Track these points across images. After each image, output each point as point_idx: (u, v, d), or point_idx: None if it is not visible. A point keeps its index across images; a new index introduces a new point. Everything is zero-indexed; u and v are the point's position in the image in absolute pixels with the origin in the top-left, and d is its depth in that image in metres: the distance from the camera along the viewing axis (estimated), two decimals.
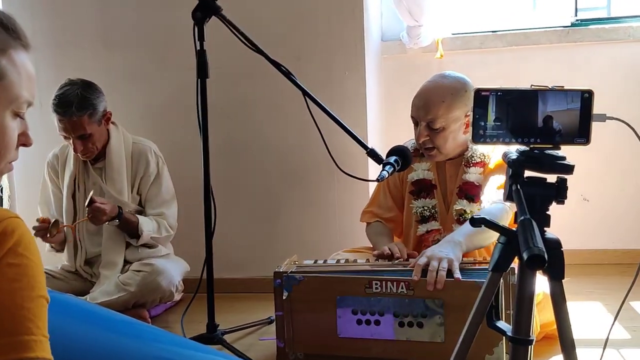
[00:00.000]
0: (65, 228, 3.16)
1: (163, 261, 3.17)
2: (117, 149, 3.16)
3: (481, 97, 1.41)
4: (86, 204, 2.94)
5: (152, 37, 3.57)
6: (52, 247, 3.20)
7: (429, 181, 2.70)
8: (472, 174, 2.61)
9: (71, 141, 3.03)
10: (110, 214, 2.99)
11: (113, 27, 3.61)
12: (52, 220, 2.97)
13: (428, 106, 2.54)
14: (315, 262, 2.53)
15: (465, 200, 2.60)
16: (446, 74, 2.63)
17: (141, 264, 3.10)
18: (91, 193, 2.97)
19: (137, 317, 2.81)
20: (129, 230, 3.12)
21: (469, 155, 2.63)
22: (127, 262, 3.16)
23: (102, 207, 2.94)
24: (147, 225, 3.12)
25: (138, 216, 3.13)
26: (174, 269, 3.18)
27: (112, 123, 3.20)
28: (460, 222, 2.58)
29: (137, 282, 3.02)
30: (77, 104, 2.95)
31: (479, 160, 2.61)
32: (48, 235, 2.95)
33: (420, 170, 2.71)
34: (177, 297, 3.27)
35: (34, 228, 2.94)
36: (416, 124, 2.61)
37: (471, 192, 2.60)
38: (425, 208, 2.67)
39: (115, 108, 3.29)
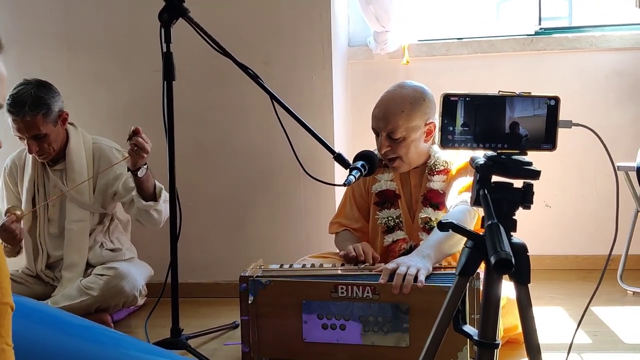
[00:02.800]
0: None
1: (127, 265, 3.13)
2: (77, 150, 3.11)
3: (450, 102, 1.42)
4: (128, 136, 2.71)
5: (117, 39, 3.53)
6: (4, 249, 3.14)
7: (392, 192, 2.71)
8: (436, 182, 2.62)
9: (26, 142, 2.98)
10: (147, 155, 2.78)
11: (77, 28, 3.56)
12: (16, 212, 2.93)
13: (388, 117, 2.55)
14: (281, 266, 2.52)
15: (430, 209, 2.61)
16: (404, 83, 2.63)
17: (104, 268, 3.05)
18: (133, 127, 2.73)
19: (99, 322, 2.77)
20: (147, 188, 2.92)
21: (431, 163, 2.64)
22: (90, 266, 3.11)
23: (145, 146, 2.71)
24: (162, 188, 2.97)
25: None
26: (137, 273, 3.14)
27: (71, 124, 3.14)
28: (426, 230, 2.59)
29: (100, 286, 2.98)
30: (30, 104, 2.90)
31: (442, 168, 2.62)
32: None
33: (384, 181, 2.71)
34: (141, 301, 3.23)
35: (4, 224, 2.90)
36: (377, 134, 2.62)
37: (435, 200, 2.62)
38: (390, 218, 2.68)
39: (79, 110, 3.26)
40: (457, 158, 2.62)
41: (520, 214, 1.43)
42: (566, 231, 3.80)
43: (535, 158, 1.43)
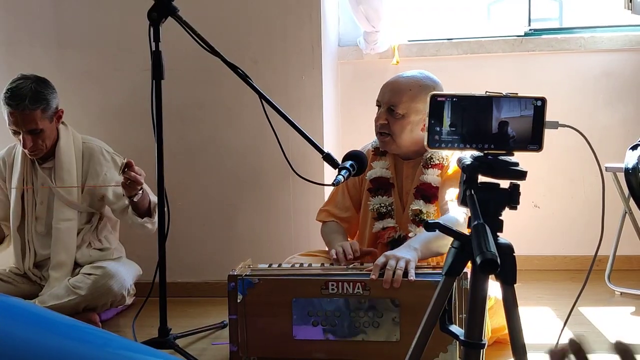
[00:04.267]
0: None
1: (115, 264, 3.12)
2: (67, 148, 3.11)
3: (437, 103, 1.42)
4: (121, 169, 2.73)
5: (106, 37, 3.52)
6: None
7: (387, 179, 2.72)
8: (430, 175, 2.63)
9: (21, 136, 2.96)
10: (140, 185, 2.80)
11: (67, 26, 3.54)
12: None
13: (394, 90, 2.61)
14: (270, 265, 2.52)
15: (421, 201, 2.62)
16: (422, 71, 2.70)
17: (92, 267, 3.04)
18: (125, 159, 2.75)
19: (87, 321, 2.76)
20: (143, 207, 2.95)
21: (427, 156, 2.65)
22: (78, 265, 3.10)
23: (139, 178, 2.74)
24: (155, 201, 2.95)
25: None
26: (125, 273, 3.13)
27: (62, 123, 3.14)
28: (416, 222, 2.60)
29: (88, 286, 2.97)
30: (30, 98, 2.90)
31: (437, 162, 2.64)
32: None
33: (379, 169, 2.73)
34: (129, 301, 3.22)
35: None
36: (379, 107, 2.65)
37: (428, 193, 2.63)
38: (382, 205, 2.69)
39: (69, 109, 3.24)
40: (453, 156, 2.62)
41: (509, 214, 1.44)
42: (554, 231, 3.81)
43: (523, 158, 1.44)
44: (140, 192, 2.84)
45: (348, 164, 2.46)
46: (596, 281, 3.25)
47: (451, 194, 2.53)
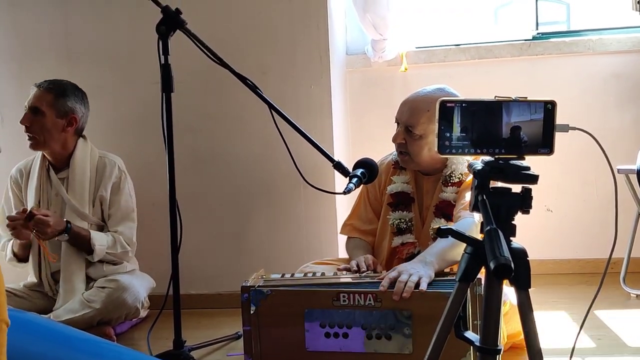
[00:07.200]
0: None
1: (128, 277, 3.13)
2: (82, 160, 3.15)
3: (446, 109, 1.42)
4: (26, 217, 2.89)
5: (116, 51, 3.54)
6: (14, 255, 3.15)
7: (408, 194, 2.68)
8: (450, 193, 2.58)
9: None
10: (55, 226, 2.92)
11: (76, 41, 3.57)
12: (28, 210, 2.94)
13: (412, 110, 2.55)
14: (283, 275, 2.51)
15: (442, 219, 2.57)
16: (442, 87, 2.63)
17: (106, 280, 3.05)
18: (31, 207, 2.95)
19: (102, 335, 2.77)
20: (81, 245, 3.06)
21: (447, 173, 2.60)
22: (91, 279, 3.11)
23: (44, 219, 2.89)
24: (100, 240, 3.07)
25: (90, 231, 3.08)
26: (139, 285, 3.14)
27: (82, 137, 3.19)
28: None
29: (102, 299, 2.98)
30: (53, 83, 3.07)
31: (457, 180, 2.58)
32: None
33: (399, 183, 2.69)
34: (143, 313, 3.22)
35: (8, 219, 2.93)
36: (398, 124, 2.62)
37: (448, 211, 2.58)
38: (402, 220, 2.65)
39: None
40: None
41: (521, 219, 1.43)
42: (568, 235, 3.79)
43: (535, 162, 1.43)
44: (65, 236, 3.00)
45: (359, 172, 2.45)
46: (611, 284, 3.23)
47: (464, 202, 2.51)
